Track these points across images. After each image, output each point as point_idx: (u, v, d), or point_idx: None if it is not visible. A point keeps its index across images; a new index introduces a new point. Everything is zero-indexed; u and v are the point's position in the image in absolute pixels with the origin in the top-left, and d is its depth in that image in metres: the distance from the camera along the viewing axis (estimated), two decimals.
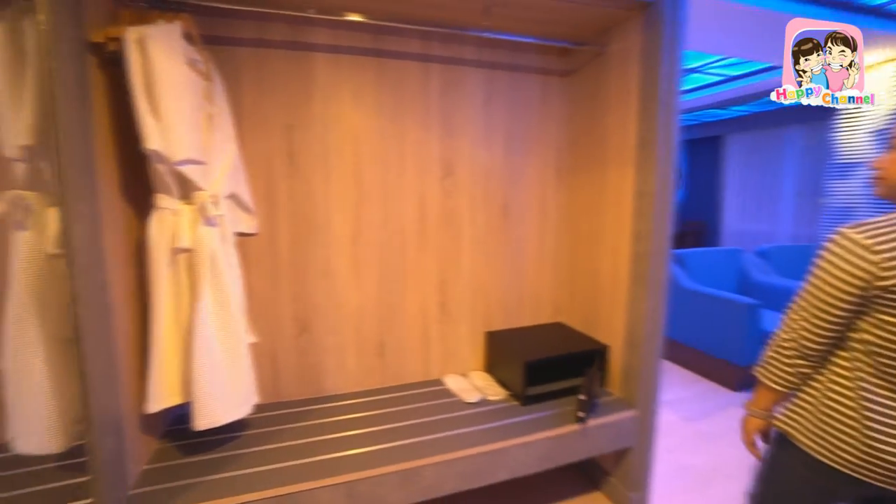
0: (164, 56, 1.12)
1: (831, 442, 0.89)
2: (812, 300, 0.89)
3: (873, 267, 0.80)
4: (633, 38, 1.64)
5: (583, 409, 1.58)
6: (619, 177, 1.74)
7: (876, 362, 0.85)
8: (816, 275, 0.89)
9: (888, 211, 0.88)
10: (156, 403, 1.26)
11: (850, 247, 0.84)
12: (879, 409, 0.85)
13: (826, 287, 0.86)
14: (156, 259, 1.24)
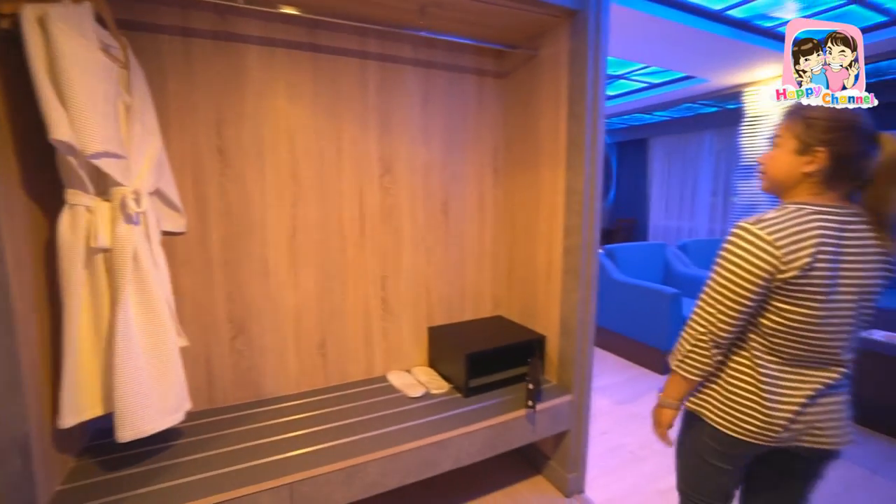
0: (71, 38, 1.03)
1: (737, 417, 0.99)
2: (724, 292, 0.93)
3: (776, 261, 0.88)
4: (562, 44, 1.73)
5: (531, 398, 1.66)
6: (551, 176, 1.84)
7: (770, 342, 0.96)
8: (726, 268, 0.93)
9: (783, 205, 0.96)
10: (71, 417, 1.17)
11: (755, 242, 0.89)
12: (773, 381, 0.96)
13: (737, 279, 0.91)
14: (68, 260, 1.14)
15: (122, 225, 1.18)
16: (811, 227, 0.89)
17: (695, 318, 0.99)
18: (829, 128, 0.93)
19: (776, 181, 1.00)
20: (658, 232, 6.85)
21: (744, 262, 0.90)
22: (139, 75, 1.34)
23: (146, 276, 1.23)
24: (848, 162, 0.92)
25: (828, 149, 0.92)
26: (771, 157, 1.01)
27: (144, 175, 1.28)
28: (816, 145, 0.93)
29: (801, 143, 0.94)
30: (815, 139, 0.93)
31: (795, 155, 0.95)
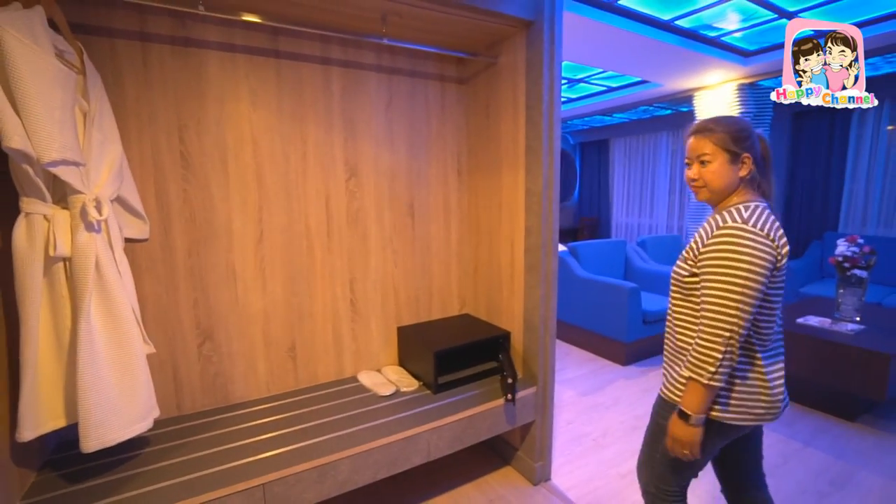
0: (21, 45, 1.02)
1: (746, 407, 1.06)
2: (745, 291, 0.97)
3: (775, 252, 1.00)
4: (519, 52, 1.81)
5: (510, 391, 1.73)
6: (511, 178, 1.92)
7: (760, 331, 1.05)
8: (740, 268, 0.97)
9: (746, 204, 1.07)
10: (31, 431, 1.15)
11: (757, 238, 0.98)
12: (769, 365, 1.07)
13: (753, 276, 0.97)
14: (24, 269, 1.13)
15: (82, 233, 1.17)
16: (774, 220, 1.04)
17: (717, 325, 0.99)
18: (748, 135, 1.08)
19: (719, 191, 1.10)
20: (620, 229, 7.11)
21: (754, 258, 0.97)
22: (96, 81, 1.33)
23: (110, 284, 1.22)
24: (760, 160, 1.11)
25: (751, 153, 1.08)
26: (709, 172, 1.09)
27: (104, 182, 1.27)
28: (744, 152, 1.08)
29: (732, 153, 1.07)
30: (742, 147, 1.07)
31: (730, 165, 1.08)
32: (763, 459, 1.27)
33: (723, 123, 1.08)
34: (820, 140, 4.61)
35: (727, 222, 1.02)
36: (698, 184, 1.12)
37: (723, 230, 1.02)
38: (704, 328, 1.01)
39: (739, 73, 3.93)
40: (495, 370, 1.96)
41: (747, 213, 1.03)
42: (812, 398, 2.56)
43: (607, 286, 3.31)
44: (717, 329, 0.99)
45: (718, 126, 1.08)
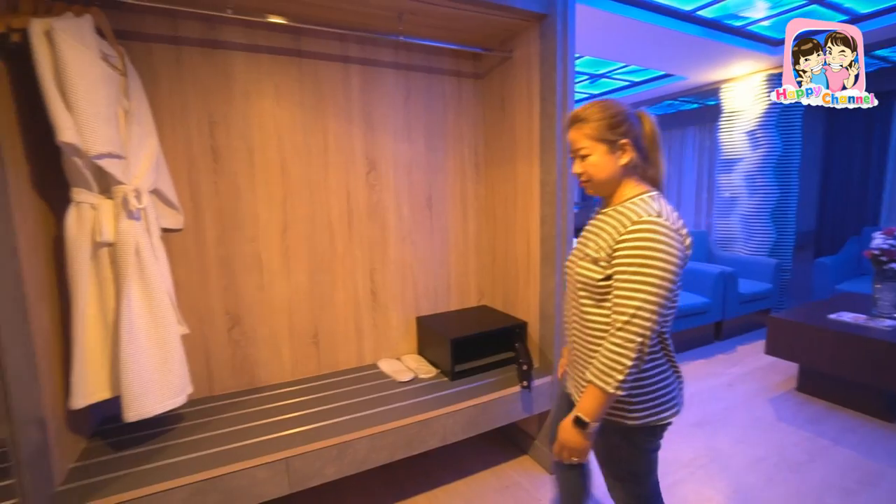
0: (74, 49, 1.13)
1: (672, 401, 1.04)
2: (657, 293, 0.90)
3: (683, 246, 0.96)
4: (533, 46, 1.85)
5: (525, 378, 1.77)
6: (527, 169, 1.95)
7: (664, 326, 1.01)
8: (658, 266, 0.90)
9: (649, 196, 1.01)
10: (81, 399, 1.26)
11: (669, 233, 0.92)
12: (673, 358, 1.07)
13: (670, 274, 0.91)
14: (75, 253, 1.24)
15: (124, 220, 1.28)
16: (673, 210, 1.00)
17: (631, 330, 0.91)
18: (622, 120, 1.01)
19: (604, 183, 1.04)
20: None
21: (670, 255, 0.91)
22: (136, 81, 1.44)
23: (148, 268, 1.32)
24: (642, 143, 1.04)
25: (629, 138, 1.02)
26: (591, 166, 1.03)
27: (143, 174, 1.38)
28: (621, 139, 1.01)
29: (609, 142, 1.01)
30: (618, 134, 1.01)
31: (609, 155, 1.02)
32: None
33: (594, 111, 1.01)
34: (856, 132, 4.42)
35: (641, 216, 0.94)
36: (584, 178, 1.06)
37: (638, 225, 0.93)
38: (617, 332, 0.93)
39: (768, 63, 3.82)
40: (511, 360, 2.00)
41: (656, 205, 0.97)
42: (841, 396, 2.48)
43: None
44: (631, 334, 0.91)
45: (590, 115, 1.01)
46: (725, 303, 3.48)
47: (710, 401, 2.60)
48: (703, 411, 2.48)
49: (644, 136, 1.05)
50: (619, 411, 1.02)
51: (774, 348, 2.63)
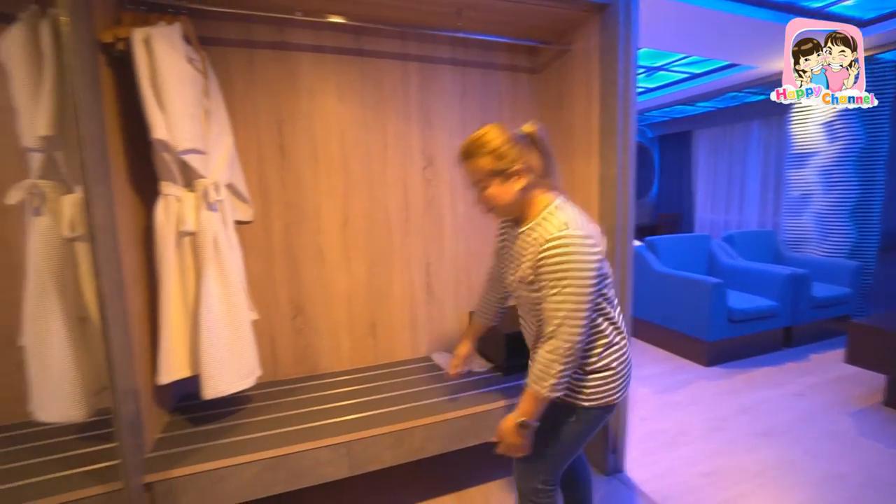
0: (167, 54, 1.23)
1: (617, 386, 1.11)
2: (577, 303, 0.97)
3: (599, 249, 1.02)
4: (593, 38, 1.80)
5: None
6: (585, 164, 1.91)
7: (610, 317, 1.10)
8: (575, 277, 0.96)
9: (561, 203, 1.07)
10: (166, 376, 1.37)
11: (583, 244, 0.97)
12: (624, 345, 1.13)
13: (587, 285, 0.97)
14: (163, 242, 1.35)
15: (204, 212, 1.38)
16: (581, 212, 1.06)
17: (558, 340, 0.99)
18: (510, 148, 1.02)
19: (507, 209, 1.09)
20: (704, 226, 6.63)
21: (583, 263, 0.97)
22: (214, 83, 1.54)
23: (224, 257, 1.42)
24: (531, 162, 1.04)
25: (520, 163, 1.02)
26: (489, 197, 1.07)
27: (220, 169, 1.48)
28: (512, 166, 1.02)
29: (501, 172, 1.03)
30: (508, 162, 1.02)
31: (504, 184, 1.04)
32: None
33: (480, 145, 1.03)
34: None
35: (552, 234, 0.99)
36: (485, 208, 1.11)
37: (551, 243, 0.98)
38: (548, 341, 1.01)
39: None
40: None
41: (563, 214, 1.01)
42: None
43: (688, 281, 3.14)
44: (560, 341, 0.99)
45: (477, 150, 1.03)
46: (796, 307, 3.24)
47: (778, 410, 2.44)
48: (770, 421, 2.33)
49: (536, 152, 1.06)
50: (575, 393, 1.11)
51: (857, 357, 2.42)
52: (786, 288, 3.18)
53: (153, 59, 1.20)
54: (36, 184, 1.22)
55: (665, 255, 3.63)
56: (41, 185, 1.22)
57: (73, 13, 1.03)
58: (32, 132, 1.14)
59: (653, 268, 3.46)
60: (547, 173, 1.08)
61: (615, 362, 1.11)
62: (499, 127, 1.04)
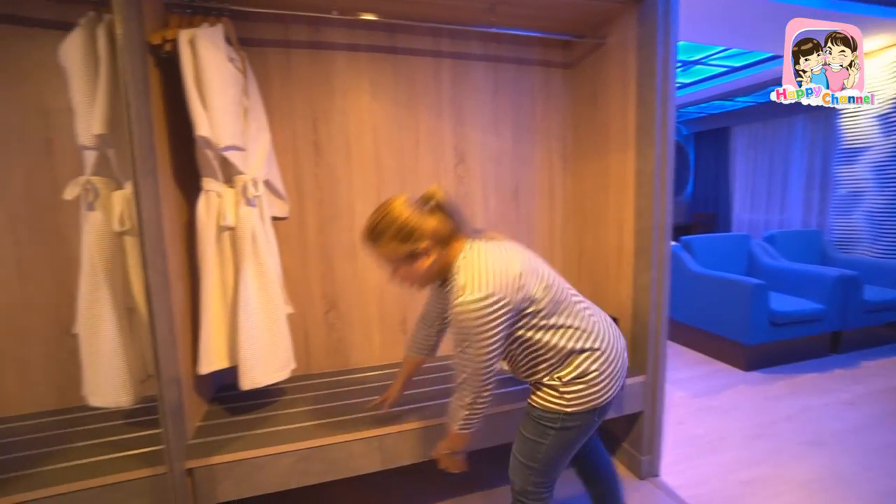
0: (210, 54, 1.28)
1: (595, 391, 1.09)
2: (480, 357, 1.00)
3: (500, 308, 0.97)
4: (630, 31, 1.76)
5: None
6: (620, 160, 1.86)
7: (574, 335, 1.09)
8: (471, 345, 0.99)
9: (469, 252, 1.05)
10: (206, 366, 1.42)
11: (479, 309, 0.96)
12: (607, 346, 1.11)
13: (484, 348, 0.99)
14: (204, 236, 1.39)
15: (243, 207, 1.42)
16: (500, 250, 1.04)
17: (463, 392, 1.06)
18: (412, 228, 1.02)
19: (427, 280, 1.11)
20: (742, 226, 6.38)
21: (483, 331, 0.97)
22: (253, 82, 1.58)
23: (262, 252, 1.45)
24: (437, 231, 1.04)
25: (425, 239, 1.03)
26: (403, 277, 1.09)
27: (258, 165, 1.51)
28: (417, 245, 1.02)
29: (406, 253, 1.03)
30: (413, 242, 1.02)
31: (413, 263, 1.05)
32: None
33: (382, 232, 1.02)
34: None
35: (456, 300, 0.98)
36: (404, 285, 1.12)
37: (455, 309, 0.99)
38: (455, 391, 1.08)
39: None
40: None
41: (463, 277, 0.99)
42: None
43: (727, 282, 3.02)
44: (464, 393, 1.06)
45: (378, 237, 1.03)
46: (846, 311, 3.07)
47: (826, 419, 2.31)
48: (818, 430, 2.21)
49: (440, 215, 1.05)
50: (557, 400, 1.10)
51: None
52: (834, 290, 3.01)
53: (197, 59, 1.24)
54: (90, 180, 1.28)
55: (701, 255, 3.51)
56: (94, 182, 1.28)
57: (127, 18, 1.07)
58: (88, 131, 1.20)
59: (689, 268, 3.35)
60: (456, 229, 1.08)
61: (593, 366, 1.09)
62: (398, 204, 1.04)
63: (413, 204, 1.05)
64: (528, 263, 1.06)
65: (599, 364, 1.09)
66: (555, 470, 1.19)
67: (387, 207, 1.04)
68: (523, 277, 1.02)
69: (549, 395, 1.11)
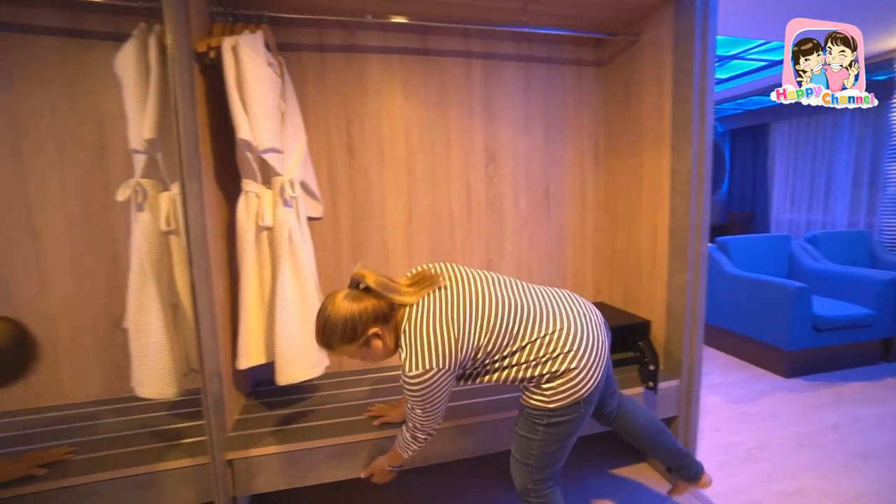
0: (251, 60, 1.32)
1: (576, 384, 1.11)
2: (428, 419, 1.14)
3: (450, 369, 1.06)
4: (666, 27, 1.72)
5: (650, 378, 1.68)
6: (654, 158, 1.82)
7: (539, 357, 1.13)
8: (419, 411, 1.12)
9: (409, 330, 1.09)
10: (245, 361, 1.47)
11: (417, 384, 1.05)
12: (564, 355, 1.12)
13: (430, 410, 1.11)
14: (243, 236, 1.44)
15: (280, 208, 1.46)
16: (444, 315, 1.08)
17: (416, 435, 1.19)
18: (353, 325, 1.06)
19: (388, 354, 1.16)
20: (781, 226, 6.12)
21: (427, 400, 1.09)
22: (289, 86, 1.63)
23: (298, 251, 1.49)
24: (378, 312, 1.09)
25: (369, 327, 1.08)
26: (368, 362, 1.19)
27: (295, 167, 1.56)
28: (366, 335, 1.08)
29: (360, 345, 1.09)
30: (360, 334, 1.07)
31: (370, 349, 1.11)
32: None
33: (331, 338, 1.07)
34: None
35: (402, 371, 1.08)
36: (367, 362, 1.19)
37: (401, 381, 1.09)
38: (408, 431, 1.20)
39: None
40: (631, 360, 1.89)
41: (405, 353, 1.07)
42: None
43: (766, 285, 2.90)
44: (417, 435, 1.19)
45: (330, 343, 1.09)
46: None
47: (877, 431, 2.19)
48: (867, 442, 2.10)
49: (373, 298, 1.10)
50: (540, 398, 1.13)
51: None
52: (885, 294, 2.86)
53: (240, 65, 1.29)
54: (139, 182, 1.35)
55: (738, 257, 3.39)
56: (143, 184, 1.35)
57: (177, 29, 1.13)
58: (139, 136, 1.26)
59: (725, 270, 3.24)
60: (392, 303, 1.11)
61: (571, 364, 1.11)
62: (336, 306, 1.08)
63: (348, 295, 1.10)
64: (468, 318, 1.09)
65: (577, 361, 1.11)
66: (551, 465, 1.22)
67: (325, 314, 1.08)
68: (462, 339, 1.07)
69: (532, 394, 1.16)
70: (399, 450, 1.25)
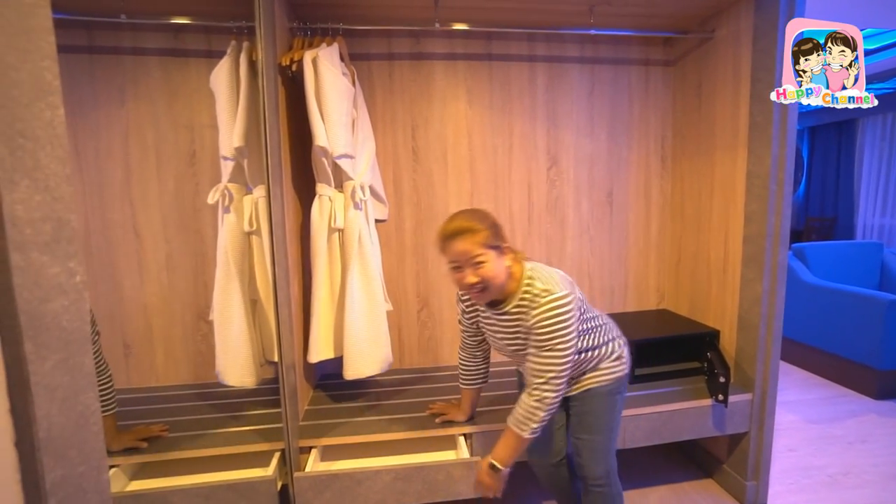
0: (329, 72, 1.40)
1: (624, 362, 1.28)
2: (564, 356, 1.08)
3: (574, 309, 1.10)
4: (743, 21, 1.63)
5: (721, 390, 1.61)
6: (728, 160, 1.73)
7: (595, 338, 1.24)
8: (559, 339, 1.07)
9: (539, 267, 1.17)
10: (315, 356, 1.56)
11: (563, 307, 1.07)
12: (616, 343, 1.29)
13: (566, 348, 1.08)
14: (317, 237, 1.53)
15: (351, 210, 1.54)
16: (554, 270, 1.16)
17: (545, 392, 1.09)
18: (500, 226, 1.13)
19: (498, 287, 1.11)
20: (870, 232, 5.56)
21: (567, 331, 1.08)
22: (360, 94, 1.70)
23: (366, 252, 1.56)
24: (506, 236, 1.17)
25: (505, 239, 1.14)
26: (488, 272, 1.08)
27: (364, 172, 1.63)
28: (504, 243, 1.12)
29: (497, 248, 1.09)
30: (501, 238, 1.12)
31: (498, 259, 1.09)
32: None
33: (480, 220, 1.08)
34: None
35: (538, 303, 1.08)
36: (480, 286, 1.09)
37: (540, 308, 1.07)
38: (533, 391, 1.10)
39: None
40: (697, 370, 1.81)
41: (542, 284, 1.09)
42: None
43: (853, 297, 2.67)
44: (545, 393, 1.09)
45: (478, 224, 1.07)
46: None
47: None
48: None
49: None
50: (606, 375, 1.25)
51: None
52: None
53: (318, 76, 1.38)
54: (227, 187, 1.47)
55: (817, 266, 3.13)
56: (230, 188, 1.47)
57: (266, 46, 1.22)
58: (229, 144, 1.38)
59: (802, 279, 3.00)
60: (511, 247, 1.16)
61: (621, 349, 1.29)
62: (481, 209, 1.15)
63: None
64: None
65: (622, 345, 1.31)
66: (615, 442, 1.31)
67: (471, 209, 1.15)
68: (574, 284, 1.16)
69: (605, 370, 1.25)
70: (517, 429, 1.11)
